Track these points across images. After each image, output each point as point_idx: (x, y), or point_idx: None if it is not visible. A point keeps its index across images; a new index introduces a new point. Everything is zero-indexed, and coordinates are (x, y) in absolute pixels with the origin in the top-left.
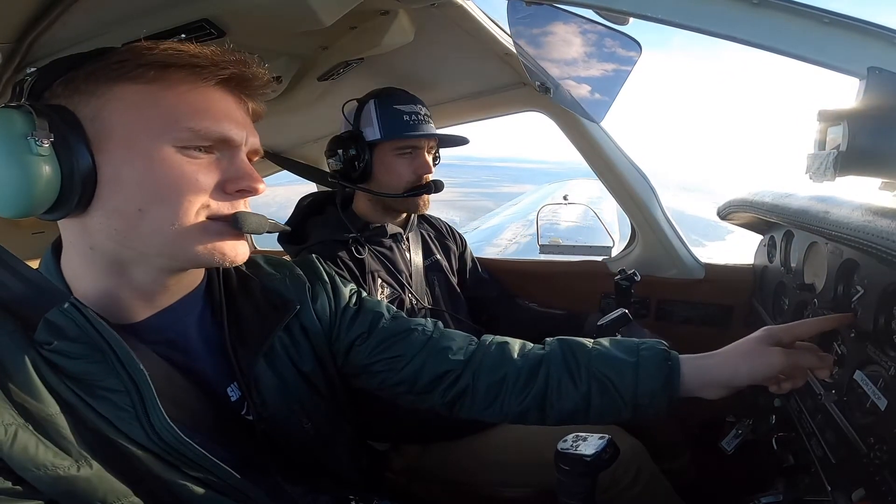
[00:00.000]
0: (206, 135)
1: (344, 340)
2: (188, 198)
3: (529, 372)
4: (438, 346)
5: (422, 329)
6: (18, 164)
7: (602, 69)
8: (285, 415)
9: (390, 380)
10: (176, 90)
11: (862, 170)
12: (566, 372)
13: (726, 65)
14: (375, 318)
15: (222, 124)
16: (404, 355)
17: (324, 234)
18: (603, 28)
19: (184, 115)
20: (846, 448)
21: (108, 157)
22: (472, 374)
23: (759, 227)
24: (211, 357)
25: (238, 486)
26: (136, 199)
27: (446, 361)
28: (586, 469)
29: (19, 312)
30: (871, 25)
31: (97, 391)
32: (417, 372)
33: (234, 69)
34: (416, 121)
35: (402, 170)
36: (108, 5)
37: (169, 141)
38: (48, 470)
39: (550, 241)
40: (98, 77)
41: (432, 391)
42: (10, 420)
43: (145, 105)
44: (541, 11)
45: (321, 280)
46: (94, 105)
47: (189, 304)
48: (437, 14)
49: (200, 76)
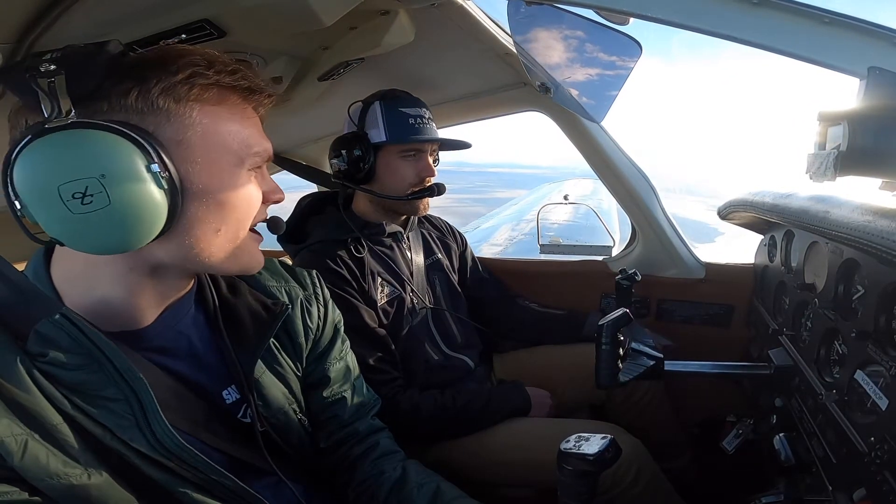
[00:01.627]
0: (266, 156)
1: (311, 375)
2: (250, 214)
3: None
4: (370, 430)
5: (373, 405)
6: (142, 196)
7: (602, 69)
8: (284, 414)
9: (315, 430)
10: (240, 115)
11: (862, 170)
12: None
13: (721, 63)
14: (346, 371)
15: (265, 143)
16: (339, 422)
17: (324, 234)
18: (603, 28)
19: (252, 139)
20: (847, 448)
21: (194, 179)
22: (356, 458)
23: (759, 226)
24: (207, 360)
25: (239, 489)
26: (217, 220)
27: (351, 442)
28: (589, 469)
29: (8, 321)
30: (871, 25)
31: (96, 400)
32: (336, 443)
33: (265, 95)
34: (421, 124)
35: (405, 172)
36: (108, 5)
37: (245, 165)
38: (61, 479)
39: (550, 241)
40: (170, 95)
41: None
42: (18, 431)
43: (221, 130)
44: (541, 11)
45: (318, 300)
46: (175, 128)
47: (182, 309)
48: (437, 14)
49: (250, 101)
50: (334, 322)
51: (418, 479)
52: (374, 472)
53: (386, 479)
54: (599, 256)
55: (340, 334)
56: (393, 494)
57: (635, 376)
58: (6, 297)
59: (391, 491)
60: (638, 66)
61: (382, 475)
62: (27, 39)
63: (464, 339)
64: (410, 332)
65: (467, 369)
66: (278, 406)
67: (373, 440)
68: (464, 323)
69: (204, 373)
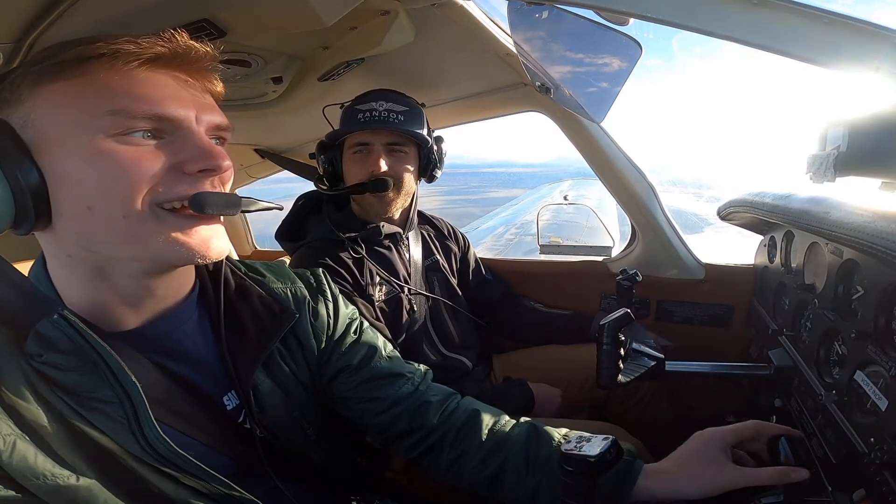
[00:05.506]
0: (131, 113)
1: (333, 366)
2: (132, 185)
3: (489, 451)
4: (420, 401)
5: (410, 378)
6: None
7: (602, 69)
8: (286, 422)
9: (364, 420)
10: (95, 79)
11: (862, 170)
12: (523, 461)
13: (714, 60)
14: (369, 353)
15: (152, 103)
16: (384, 400)
17: (322, 232)
18: (603, 28)
19: (104, 101)
20: (847, 448)
21: (49, 160)
22: (440, 439)
23: (759, 227)
24: (208, 365)
25: (235, 494)
26: (83, 198)
27: (421, 420)
28: (591, 470)
29: (10, 322)
30: (871, 25)
31: (90, 402)
32: (392, 421)
33: (160, 48)
34: (369, 118)
35: (354, 168)
36: (108, 5)
37: (98, 130)
38: (48, 479)
39: (550, 241)
40: (19, 83)
41: (400, 443)
42: (7, 430)
43: (69, 101)
44: (541, 11)
45: (325, 297)
46: (22, 111)
47: (185, 312)
48: (437, 14)
49: (122, 61)
50: (348, 316)
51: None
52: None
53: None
54: (599, 257)
55: (354, 326)
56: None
57: (636, 376)
58: (11, 300)
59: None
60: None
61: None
62: (27, 39)
63: (461, 340)
64: (408, 332)
65: (465, 369)
66: (278, 413)
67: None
68: (462, 323)
69: (205, 377)
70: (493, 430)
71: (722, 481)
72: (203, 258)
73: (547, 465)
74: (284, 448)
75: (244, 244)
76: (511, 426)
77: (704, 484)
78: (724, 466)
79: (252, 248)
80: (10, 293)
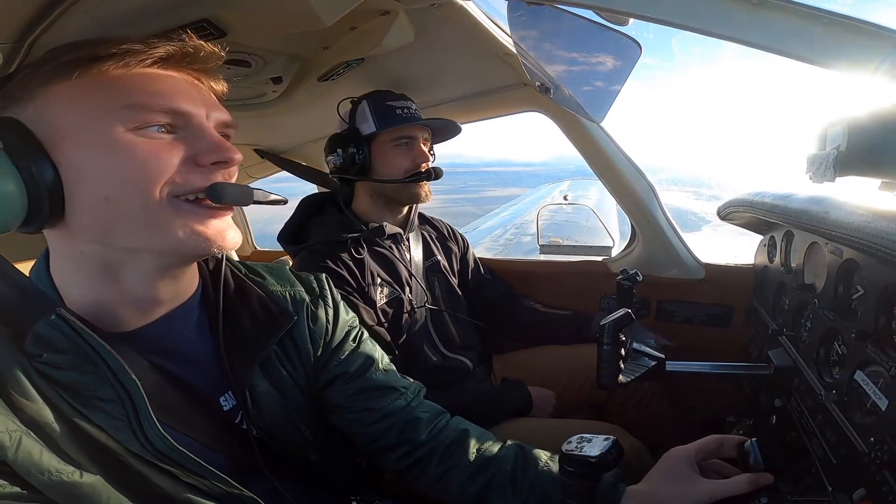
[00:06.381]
0: (147, 107)
1: (329, 372)
2: (151, 176)
3: (477, 469)
4: (411, 416)
5: (403, 393)
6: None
7: (602, 69)
8: (283, 423)
9: (354, 429)
10: (110, 76)
11: (862, 170)
12: (510, 480)
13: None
14: (367, 363)
15: (167, 98)
16: (377, 411)
17: (324, 235)
18: (603, 28)
19: (120, 96)
20: (847, 448)
21: (63, 154)
22: (428, 453)
23: (759, 226)
24: (206, 366)
25: (234, 491)
26: (100, 188)
27: (410, 435)
28: (591, 470)
29: (10, 321)
30: (871, 26)
31: (90, 400)
32: (381, 433)
33: (170, 48)
34: (408, 114)
35: (400, 160)
36: (108, 5)
37: (116, 122)
38: (52, 476)
39: (550, 241)
40: (28, 81)
41: (387, 455)
42: (13, 427)
43: (86, 94)
44: (541, 11)
45: (325, 302)
46: (33, 108)
47: (185, 313)
48: (437, 14)
49: (135, 59)
50: (347, 323)
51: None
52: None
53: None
54: (599, 257)
55: (353, 334)
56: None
57: (637, 376)
58: (10, 299)
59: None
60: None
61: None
62: (27, 39)
63: (462, 340)
64: (409, 333)
65: (466, 370)
66: (275, 414)
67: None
68: (462, 324)
69: (202, 377)
70: (481, 449)
71: (700, 496)
72: (220, 248)
73: (534, 487)
74: (282, 449)
75: (244, 244)
76: (499, 447)
77: (685, 500)
78: (697, 482)
79: (252, 248)
80: (9, 292)
